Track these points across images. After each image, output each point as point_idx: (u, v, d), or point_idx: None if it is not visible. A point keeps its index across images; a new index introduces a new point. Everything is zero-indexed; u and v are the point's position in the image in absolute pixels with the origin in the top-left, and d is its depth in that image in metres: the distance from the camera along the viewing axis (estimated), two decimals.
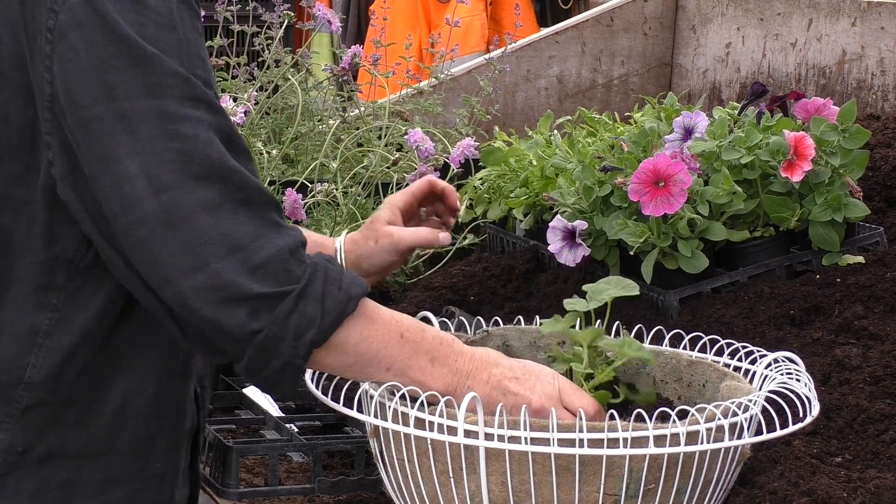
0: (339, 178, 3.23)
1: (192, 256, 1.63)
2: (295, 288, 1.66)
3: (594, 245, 2.75)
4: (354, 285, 1.71)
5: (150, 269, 1.65)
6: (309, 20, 3.58)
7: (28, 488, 1.76)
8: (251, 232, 1.65)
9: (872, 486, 1.93)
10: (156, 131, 1.64)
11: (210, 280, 1.63)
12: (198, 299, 1.64)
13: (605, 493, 1.70)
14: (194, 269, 1.63)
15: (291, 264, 1.67)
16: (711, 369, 1.96)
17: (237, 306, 1.64)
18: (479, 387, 1.77)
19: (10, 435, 1.75)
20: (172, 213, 1.63)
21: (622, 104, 4.43)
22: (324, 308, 1.68)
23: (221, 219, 1.64)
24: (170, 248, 1.63)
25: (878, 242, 2.78)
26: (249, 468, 2.36)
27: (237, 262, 1.63)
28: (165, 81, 1.65)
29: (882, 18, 3.74)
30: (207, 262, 1.63)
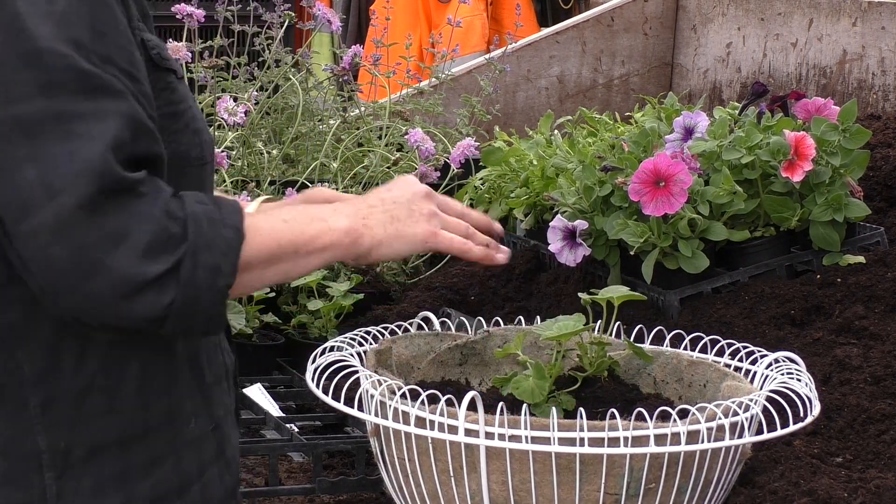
0: (339, 177, 3.23)
1: (86, 261, 1.63)
2: (186, 248, 1.67)
3: (594, 245, 2.75)
4: (234, 214, 1.72)
5: (50, 278, 1.65)
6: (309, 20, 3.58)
7: (87, 485, 1.78)
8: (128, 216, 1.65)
9: (873, 486, 1.93)
10: (50, 134, 1.62)
11: (109, 280, 1.63)
12: (102, 300, 1.65)
13: (605, 493, 1.70)
14: (91, 273, 1.63)
15: (172, 227, 1.67)
16: (712, 369, 1.96)
17: (143, 293, 1.65)
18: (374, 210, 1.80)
19: (47, 435, 1.74)
20: (62, 220, 1.62)
21: (623, 104, 4.43)
22: (221, 251, 1.70)
23: (102, 215, 1.63)
24: (64, 254, 1.63)
25: (879, 242, 2.78)
26: (250, 468, 2.36)
27: (127, 251, 1.63)
28: (58, 78, 1.63)
29: (883, 18, 3.74)
30: (101, 261, 1.63)
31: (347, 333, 2.09)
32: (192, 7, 3.20)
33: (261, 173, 3.23)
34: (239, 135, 3.30)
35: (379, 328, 2.10)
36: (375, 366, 1.93)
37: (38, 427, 1.75)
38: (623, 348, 2.02)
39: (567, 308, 2.76)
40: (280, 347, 2.80)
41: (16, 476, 1.75)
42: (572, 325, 1.88)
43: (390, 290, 3.13)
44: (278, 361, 2.79)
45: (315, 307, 2.82)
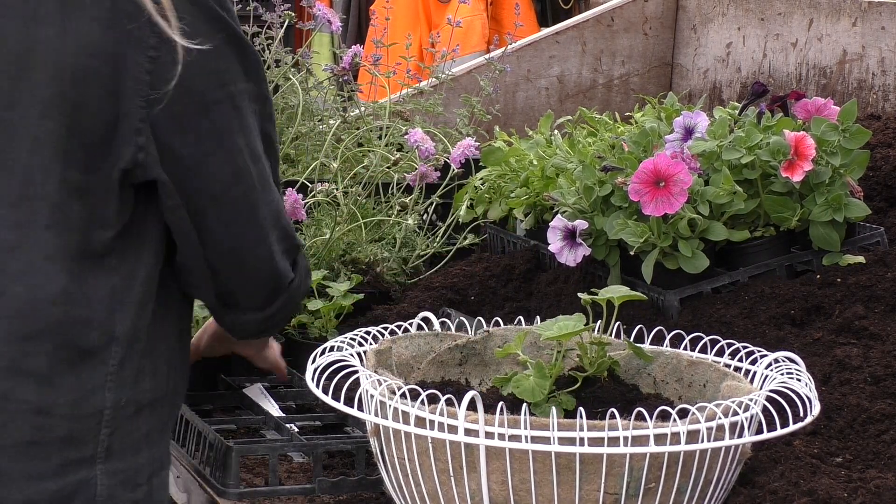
0: (339, 177, 3.23)
1: (274, 217, 1.95)
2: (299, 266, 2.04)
3: (594, 245, 2.75)
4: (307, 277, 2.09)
5: (251, 230, 1.93)
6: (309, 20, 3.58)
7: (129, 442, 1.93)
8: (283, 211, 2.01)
9: (873, 486, 1.93)
10: (250, 109, 1.90)
11: (282, 233, 1.97)
12: (277, 251, 1.96)
13: (605, 492, 1.70)
14: (275, 226, 1.95)
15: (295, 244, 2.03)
16: (712, 369, 1.96)
17: (288, 256, 1.99)
18: None
19: (114, 392, 1.86)
20: (266, 181, 1.93)
21: (623, 104, 4.43)
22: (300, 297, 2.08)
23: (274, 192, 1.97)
24: (266, 210, 1.93)
25: (879, 242, 2.77)
26: (250, 468, 2.36)
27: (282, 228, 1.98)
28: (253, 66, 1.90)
29: (883, 18, 3.74)
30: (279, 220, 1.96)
31: (347, 333, 2.09)
32: None
33: None
34: None
35: (379, 328, 2.10)
36: (375, 366, 1.93)
37: (111, 384, 1.85)
38: (623, 348, 2.02)
39: (567, 308, 2.76)
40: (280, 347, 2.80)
41: (78, 436, 1.83)
42: (573, 325, 1.88)
43: (390, 290, 3.13)
44: None
45: (315, 307, 2.82)
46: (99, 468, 1.85)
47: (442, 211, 3.43)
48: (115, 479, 1.86)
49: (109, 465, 1.85)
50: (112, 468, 1.86)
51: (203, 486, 2.26)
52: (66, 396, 1.82)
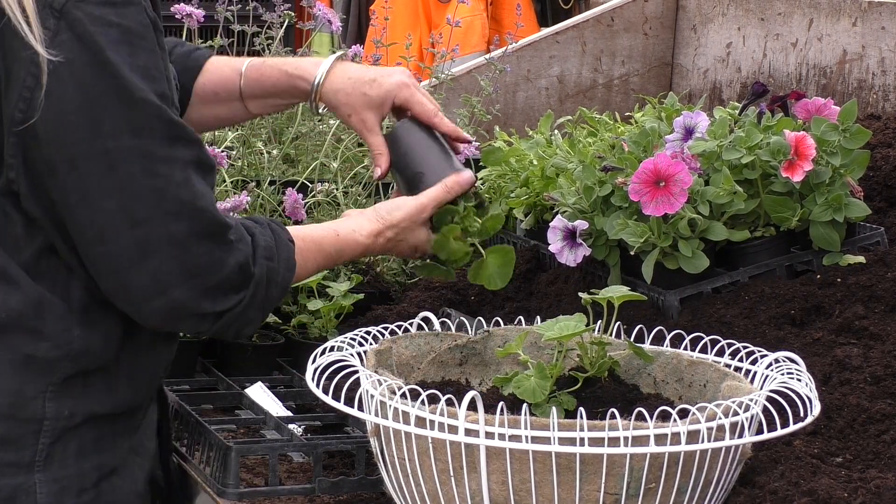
0: (339, 178, 3.23)
1: (155, 286, 1.81)
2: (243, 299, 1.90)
3: (595, 245, 2.75)
4: (288, 273, 1.96)
5: (117, 294, 1.83)
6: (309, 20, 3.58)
7: (72, 450, 1.85)
8: (208, 260, 1.84)
9: (873, 487, 1.93)
10: (136, 169, 1.76)
11: (167, 305, 1.82)
12: (155, 318, 1.85)
13: (605, 493, 1.70)
14: (156, 295, 1.81)
15: (239, 280, 1.89)
16: (712, 369, 1.96)
17: (188, 319, 1.87)
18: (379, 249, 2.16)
19: (56, 403, 1.85)
20: (143, 247, 1.78)
21: (623, 104, 4.43)
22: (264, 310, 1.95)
23: (184, 251, 1.81)
24: (138, 279, 1.80)
25: (879, 242, 2.77)
26: (250, 468, 2.36)
27: (193, 287, 1.83)
28: (150, 123, 1.77)
29: (883, 18, 3.74)
30: (167, 290, 1.81)
31: (347, 333, 2.09)
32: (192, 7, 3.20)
33: (261, 173, 3.22)
34: (239, 135, 3.29)
35: (379, 328, 2.10)
36: (375, 366, 1.93)
37: (52, 394, 1.83)
38: (623, 348, 2.02)
39: (567, 308, 2.76)
40: (280, 347, 2.80)
41: (14, 438, 1.81)
42: (573, 325, 1.88)
43: (390, 290, 3.13)
44: (278, 361, 2.79)
45: (315, 307, 2.82)
46: (38, 476, 1.83)
47: None
48: (56, 485, 1.85)
49: (49, 472, 1.84)
50: (53, 476, 1.84)
51: (203, 486, 2.26)
52: (4, 397, 1.82)
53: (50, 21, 1.71)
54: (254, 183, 3.09)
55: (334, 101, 2.19)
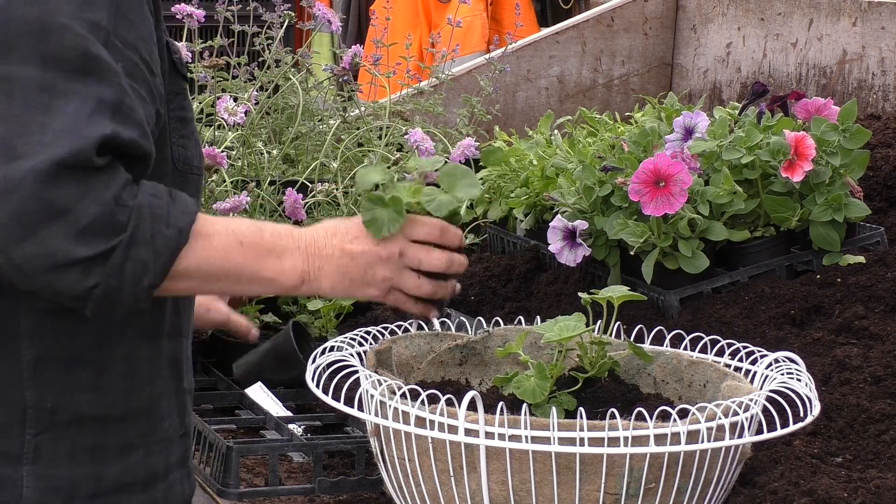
0: (339, 178, 3.23)
1: (21, 225, 1.65)
2: (122, 238, 1.69)
3: (595, 245, 2.75)
4: (184, 215, 1.74)
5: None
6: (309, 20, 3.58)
7: (63, 450, 1.80)
8: (77, 194, 1.67)
9: (873, 486, 1.93)
10: (30, 102, 1.66)
11: (38, 248, 1.66)
12: (28, 267, 1.67)
13: (605, 492, 1.70)
14: (23, 237, 1.66)
15: (117, 215, 1.69)
16: (712, 369, 1.96)
17: (68, 270, 1.67)
18: (329, 263, 1.81)
19: (35, 392, 1.78)
20: (11, 183, 1.64)
21: (623, 104, 4.43)
22: (155, 250, 1.71)
23: (49, 186, 1.65)
24: (3, 215, 1.65)
25: (879, 242, 2.78)
26: (250, 468, 2.36)
27: (64, 227, 1.66)
28: (59, 54, 1.66)
29: (883, 18, 3.74)
30: (35, 230, 1.65)
31: (347, 333, 2.09)
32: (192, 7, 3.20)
33: (261, 173, 3.22)
34: (239, 135, 3.29)
35: (379, 328, 2.10)
36: (375, 366, 1.93)
37: (28, 382, 1.78)
38: (623, 348, 2.02)
39: (567, 308, 2.76)
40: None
41: (4, 424, 1.77)
42: (573, 325, 1.88)
43: None
44: None
45: (315, 307, 2.81)
46: (26, 469, 1.79)
47: None
48: (45, 483, 1.79)
49: (38, 467, 1.77)
50: (41, 472, 1.78)
51: (203, 486, 2.26)
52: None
53: None
54: (254, 183, 3.09)
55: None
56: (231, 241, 1.79)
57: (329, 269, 1.81)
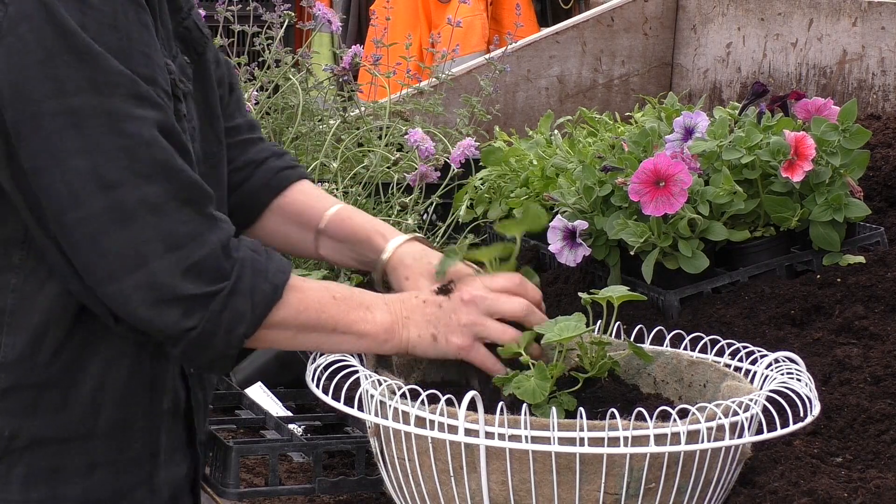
0: (339, 178, 3.23)
1: (134, 255, 1.68)
2: (225, 286, 1.73)
3: (595, 245, 2.75)
4: (279, 273, 1.79)
5: (95, 264, 1.70)
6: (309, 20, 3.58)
7: (18, 475, 1.79)
8: (190, 231, 1.71)
9: (873, 487, 1.93)
10: (104, 128, 1.67)
11: (148, 279, 1.69)
12: (135, 299, 1.70)
13: (605, 492, 1.70)
14: (136, 267, 1.69)
15: (222, 261, 1.74)
16: (712, 369, 1.96)
17: (171, 306, 1.71)
18: (415, 314, 1.87)
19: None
20: (119, 211, 1.67)
21: (623, 104, 4.43)
22: (253, 302, 1.76)
23: (163, 217, 1.69)
24: (117, 244, 1.68)
25: (879, 242, 2.78)
26: (250, 468, 2.36)
27: (174, 261, 1.70)
28: (112, 80, 1.68)
29: (883, 18, 3.74)
30: (147, 260, 1.69)
31: None
32: None
33: None
34: None
35: None
36: (375, 366, 1.93)
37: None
38: (623, 348, 2.02)
39: (567, 308, 2.76)
40: None
41: None
42: (574, 325, 1.88)
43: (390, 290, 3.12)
44: None
45: None
46: None
47: (442, 211, 3.43)
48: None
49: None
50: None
51: (203, 486, 2.25)
52: None
53: None
54: None
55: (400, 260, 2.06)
56: (325, 295, 1.84)
57: (416, 319, 1.87)
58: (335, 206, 2.13)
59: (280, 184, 2.16)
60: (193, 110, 1.95)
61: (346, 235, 2.10)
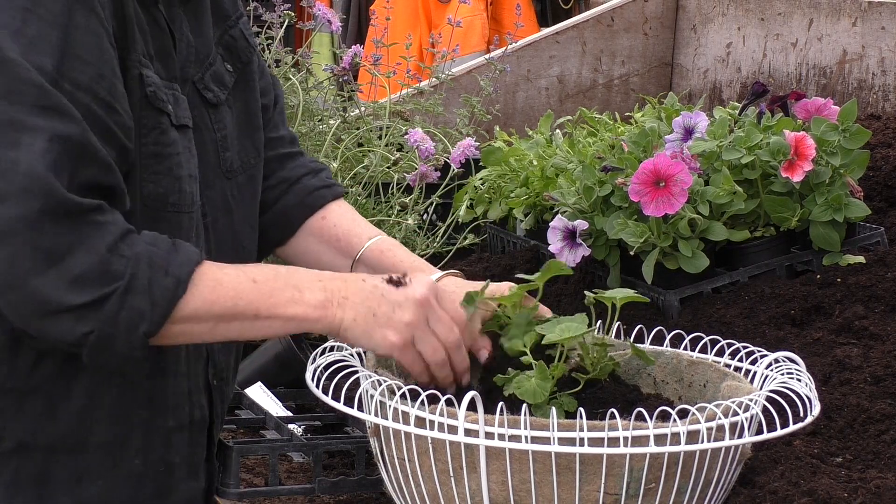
0: (339, 178, 3.23)
1: (11, 274, 1.63)
2: (118, 286, 1.67)
3: (595, 245, 2.75)
4: (183, 266, 1.71)
5: None
6: (309, 20, 3.58)
7: (4, 480, 1.77)
8: (70, 241, 1.65)
9: (873, 487, 1.93)
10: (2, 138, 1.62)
11: (29, 297, 1.64)
12: (21, 313, 1.66)
13: (605, 493, 1.70)
14: (14, 286, 1.64)
15: (113, 263, 1.67)
16: (712, 369, 1.96)
17: (61, 317, 1.66)
18: (356, 295, 1.78)
19: None
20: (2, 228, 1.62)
21: (623, 104, 4.43)
22: (153, 299, 1.69)
23: (39, 233, 1.63)
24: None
25: (879, 242, 2.78)
26: (250, 468, 2.36)
27: (56, 275, 1.64)
28: (18, 88, 1.63)
29: (883, 18, 3.75)
30: (27, 277, 1.63)
31: None
32: None
33: None
34: None
35: None
36: (375, 366, 1.93)
37: None
38: (623, 348, 2.02)
39: (567, 308, 2.76)
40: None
41: None
42: (575, 326, 1.88)
43: None
44: None
45: None
46: None
47: (442, 211, 3.43)
48: None
49: None
50: None
51: None
52: None
53: None
54: None
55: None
56: (243, 280, 1.75)
57: (355, 301, 1.78)
58: (376, 236, 2.09)
59: (315, 203, 2.12)
60: (229, 119, 1.92)
61: (383, 267, 2.04)
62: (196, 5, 1.91)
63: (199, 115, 1.88)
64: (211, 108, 1.90)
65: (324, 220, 2.11)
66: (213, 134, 1.88)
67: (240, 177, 1.93)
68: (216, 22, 1.92)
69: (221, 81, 1.92)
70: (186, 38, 1.87)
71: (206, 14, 1.90)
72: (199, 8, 1.91)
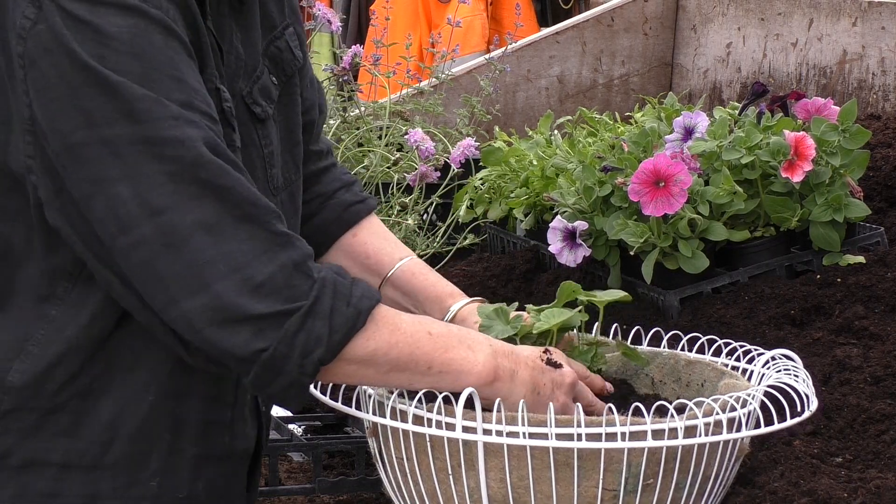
0: None
1: (194, 277, 1.62)
2: (302, 305, 1.65)
3: (595, 245, 2.75)
4: (365, 299, 1.69)
5: (153, 290, 1.65)
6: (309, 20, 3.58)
7: (7, 494, 1.75)
8: (252, 249, 1.64)
9: (873, 487, 1.93)
10: (141, 155, 1.62)
11: (212, 301, 1.62)
12: (201, 320, 1.63)
13: (603, 488, 1.70)
14: (197, 289, 1.62)
15: (296, 279, 1.65)
16: (710, 368, 1.96)
17: (240, 326, 1.63)
18: (524, 370, 1.77)
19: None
20: (171, 235, 1.62)
21: (623, 104, 4.43)
22: (332, 325, 1.66)
23: (220, 237, 1.63)
24: (173, 268, 1.62)
25: (879, 242, 2.77)
26: None
27: (238, 282, 1.62)
28: (138, 106, 1.63)
29: (883, 18, 3.75)
30: (209, 282, 1.62)
31: None
32: None
33: None
34: None
35: None
36: None
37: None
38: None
39: None
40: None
41: None
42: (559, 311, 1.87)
43: None
44: None
45: None
46: None
47: (442, 211, 3.43)
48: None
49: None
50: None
51: None
52: None
53: (30, 10, 1.62)
54: None
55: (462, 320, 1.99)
56: (419, 330, 1.73)
57: (524, 376, 1.77)
58: (406, 256, 2.06)
59: (351, 219, 2.09)
60: (275, 134, 1.88)
61: (413, 290, 2.03)
62: (246, 16, 1.85)
63: (246, 132, 1.83)
64: (258, 123, 1.85)
65: (355, 237, 2.08)
66: (261, 150, 1.84)
67: (283, 193, 1.90)
68: (263, 32, 1.87)
69: (268, 95, 1.87)
70: (236, 51, 1.82)
71: (255, 25, 1.86)
72: (249, 19, 1.85)
